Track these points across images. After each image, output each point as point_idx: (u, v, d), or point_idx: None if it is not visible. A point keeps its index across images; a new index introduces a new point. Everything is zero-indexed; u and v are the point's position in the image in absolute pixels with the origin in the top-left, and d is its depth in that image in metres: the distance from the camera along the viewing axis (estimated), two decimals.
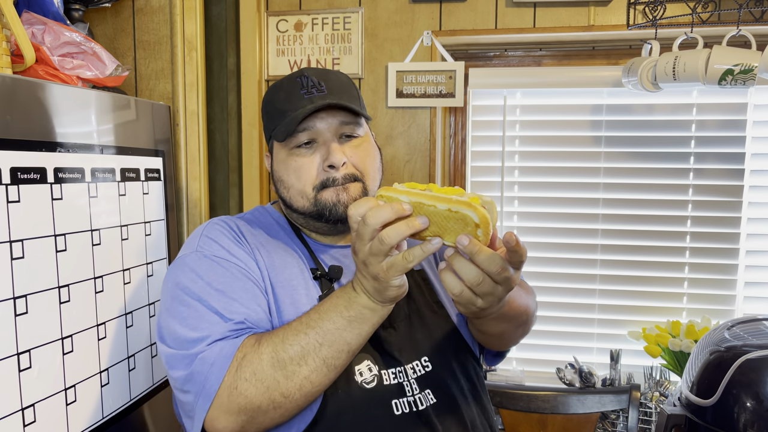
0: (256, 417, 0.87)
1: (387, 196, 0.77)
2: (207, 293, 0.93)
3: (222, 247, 1.00)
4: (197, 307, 0.93)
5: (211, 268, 0.97)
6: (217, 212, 1.97)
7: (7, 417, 0.98)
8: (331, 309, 0.87)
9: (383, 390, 0.97)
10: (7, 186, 0.98)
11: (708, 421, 1.08)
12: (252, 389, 0.85)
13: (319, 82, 1.04)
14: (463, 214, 0.72)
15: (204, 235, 1.03)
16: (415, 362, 1.02)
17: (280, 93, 1.06)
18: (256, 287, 0.97)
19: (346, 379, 0.95)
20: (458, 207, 0.72)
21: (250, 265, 0.99)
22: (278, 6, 1.88)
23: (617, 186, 1.91)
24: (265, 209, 1.16)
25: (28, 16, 1.25)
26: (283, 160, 1.05)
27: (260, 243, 1.05)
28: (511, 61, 1.92)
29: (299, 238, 1.09)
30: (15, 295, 1.00)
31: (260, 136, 1.89)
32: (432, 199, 0.74)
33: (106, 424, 1.23)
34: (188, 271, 0.97)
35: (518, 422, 1.69)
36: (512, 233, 0.72)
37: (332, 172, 1.01)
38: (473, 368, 1.10)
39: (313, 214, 1.04)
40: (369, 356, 0.98)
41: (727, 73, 1.44)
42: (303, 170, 1.02)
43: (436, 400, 1.00)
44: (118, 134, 1.31)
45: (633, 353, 1.91)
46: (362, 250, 0.78)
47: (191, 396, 0.89)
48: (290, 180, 1.04)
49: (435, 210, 0.73)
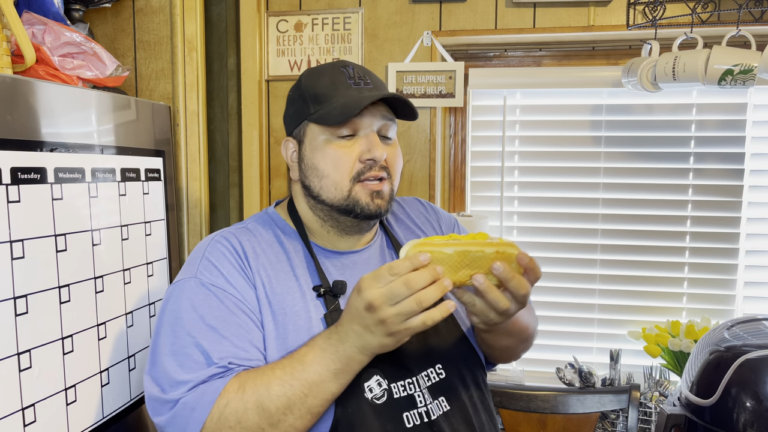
0: None
1: (429, 250, 0.81)
2: (199, 329, 0.93)
3: (221, 274, 0.98)
4: (186, 343, 0.93)
5: (207, 300, 0.96)
6: (217, 212, 1.97)
7: (7, 417, 0.98)
8: (316, 362, 0.87)
9: (393, 404, 0.96)
10: (8, 186, 0.99)
11: (707, 420, 1.08)
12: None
13: (363, 74, 1.04)
14: (510, 252, 0.82)
15: (206, 257, 1.01)
16: (429, 369, 1.02)
17: (323, 78, 1.04)
18: (251, 321, 0.96)
19: (356, 396, 0.94)
20: (504, 248, 0.82)
21: (247, 296, 0.98)
22: (278, 6, 1.88)
23: (617, 186, 1.91)
24: (268, 215, 1.12)
25: (29, 16, 1.25)
26: (321, 147, 1.02)
27: (262, 265, 1.02)
28: (511, 62, 1.93)
29: (306, 245, 1.06)
30: (15, 295, 1.00)
31: (260, 136, 1.89)
32: (477, 245, 0.82)
33: (106, 424, 1.23)
34: (184, 300, 0.97)
35: (518, 422, 1.69)
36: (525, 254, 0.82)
37: (369, 164, 1.00)
38: (481, 375, 1.10)
39: (342, 208, 1.02)
40: (378, 371, 0.96)
41: (727, 73, 1.44)
42: (342, 160, 1.00)
43: (450, 408, 1.00)
44: (119, 134, 1.31)
45: (633, 353, 1.91)
46: (388, 310, 0.80)
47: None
48: (327, 169, 1.01)
49: (483, 254, 0.82)
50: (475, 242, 0.83)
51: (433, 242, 0.82)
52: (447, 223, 1.25)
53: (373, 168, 1.00)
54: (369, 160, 1.00)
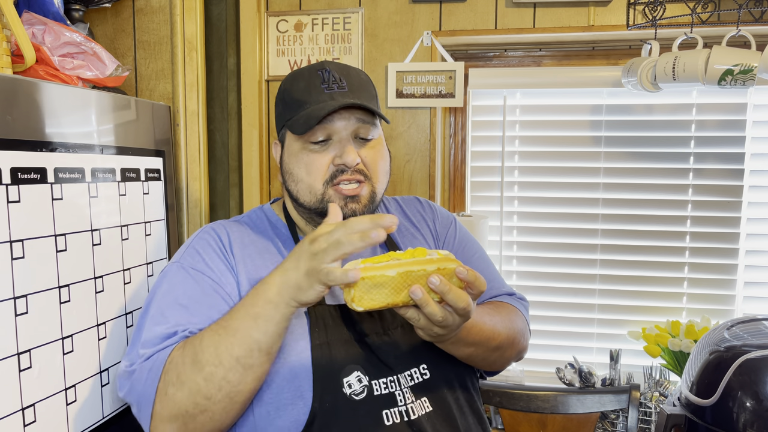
0: (188, 423, 0.88)
1: (371, 276, 0.79)
2: (171, 307, 0.96)
3: (202, 260, 1.02)
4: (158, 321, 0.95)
5: (184, 282, 0.99)
6: (218, 212, 1.97)
7: (7, 417, 0.98)
8: (240, 307, 0.89)
9: (372, 400, 0.96)
10: (7, 186, 0.99)
11: (707, 420, 1.08)
12: (178, 393, 0.86)
13: (340, 77, 1.04)
14: (450, 268, 0.82)
15: (192, 246, 1.06)
16: (413, 369, 1.01)
17: (299, 83, 1.05)
18: (225, 303, 0.98)
19: (334, 391, 0.94)
20: (445, 264, 0.82)
21: (225, 281, 1.00)
22: (278, 6, 1.88)
23: (617, 186, 1.91)
24: (262, 211, 1.16)
25: (29, 16, 1.25)
26: (295, 153, 1.04)
27: (249, 255, 1.05)
28: (510, 62, 1.93)
29: (295, 240, 1.09)
30: (15, 295, 1.00)
31: (260, 136, 1.89)
32: (419, 264, 0.81)
33: (106, 424, 1.23)
34: (164, 283, 1.01)
35: (518, 422, 1.69)
36: (464, 268, 0.82)
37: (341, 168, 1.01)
38: (470, 378, 1.09)
39: (318, 211, 1.04)
40: (359, 367, 0.97)
41: (727, 74, 1.44)
42: (314, 165, 1.02)
43: (432, 409, 0.99)
44: (119, 134, 1.31)
45: (633, 353, 1.91)
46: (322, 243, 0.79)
47: (135, 409, 0.92)
48: (300, 173, 1.03)
49: (425, 272, 0.81)
50: (415, 261, 0.82)
51: (375, 265, 0.81)
52: (443, 223, 1.24)
53: (346, 172, 1.01)
54: (340, 165, 1.01)
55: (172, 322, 0.95)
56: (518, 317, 1.15)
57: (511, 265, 2.00)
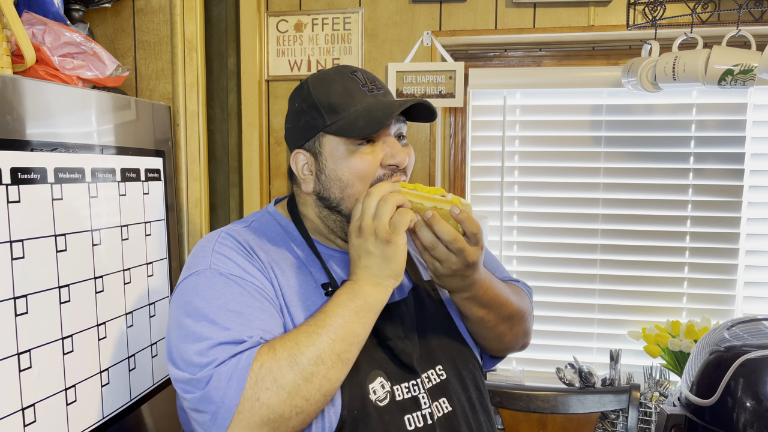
0: (279, 427, 0.85)
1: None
2: (223, 315, 0.90)
3: (237, 265, 0.96)
4: (212, 329, 0.89)
5: (227, 287, 0.93)
6: (218, 212, 1.97)
7: (7, 417, 0.98)
8: (337, 305, 0.90)
9: (395, 406, 0.96)
10: (7, 186, 0.99)
11: (707, 421, 1.08)
12: (275, 398, 0.83)
13: (372, 79, 1.04)
14: (446, 209, 0.91)
15: (215, 251, 0.98)
16: (431, 371, 1.02)
17: (334, 87, 1.01)
18: (273, 307, 0.95)
19: (361, 398, 0.94)
20: (442, 204, 0.91)
21: (265, 284, 0.96)
22: (278, 6, 1.88)
23: (617, 186, 1.91)
24: (269, 214, 1.11)
25: (29, 16, 1.25)
26: (343, 157, 0.99)
27: (273, 260, 1.01)
28: (511, 62, 1.93)
29: (309, 245, 1.06)
30: (15, 295, 1.00)
31: (260, 136, 1.89)
32: (419, 197, 0.92)
33: (106, 424, 1.23)
34: (203, 290, 0.93)
35: (518, 422, 1.69)
36: (458, 208, 0.91)
37: (391, 170, 1.00)
38: (480, 377, 1.10)
39: None
40: (382, 372, 0.96)
41: (727, 74, 1.44)
42: (368, 171, 0.98)
43: (451, 409, 1.00)
44: (119, 134, 1.31)
45: (633, 353, 1.91)
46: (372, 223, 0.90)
47: (208, 416, 0.85)
48: (352, 179, 0.99)
49: (422, 206, 0.92)
50: (418, 194, 0.93)
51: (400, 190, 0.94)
52: None
53: (396, 173, 1.00)
54: (391, 165, 0.99)
55: (233, 328, 0.89)
56: (525, 298, 1.18)
57: (511, 265, 2.00)
